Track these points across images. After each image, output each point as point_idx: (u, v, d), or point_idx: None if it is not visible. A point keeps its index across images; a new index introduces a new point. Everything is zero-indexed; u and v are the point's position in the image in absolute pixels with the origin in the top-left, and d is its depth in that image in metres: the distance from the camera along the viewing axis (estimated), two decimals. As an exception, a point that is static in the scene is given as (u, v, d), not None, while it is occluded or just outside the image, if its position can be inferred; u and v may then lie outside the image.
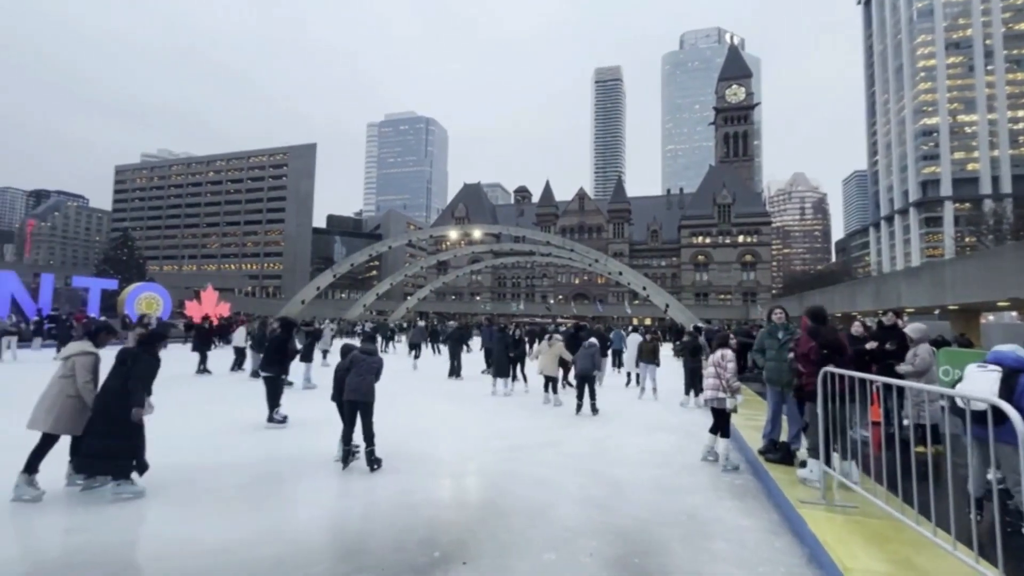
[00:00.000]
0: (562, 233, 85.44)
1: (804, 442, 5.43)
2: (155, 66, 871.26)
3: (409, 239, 52.16)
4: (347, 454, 5.52)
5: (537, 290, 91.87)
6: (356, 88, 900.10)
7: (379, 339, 19.63)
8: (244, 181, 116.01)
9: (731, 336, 5.79)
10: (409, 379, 14.05)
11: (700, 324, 25.56)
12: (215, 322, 21.93)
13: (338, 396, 5.83)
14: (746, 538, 3.98)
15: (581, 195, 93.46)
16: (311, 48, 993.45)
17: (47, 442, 4.45)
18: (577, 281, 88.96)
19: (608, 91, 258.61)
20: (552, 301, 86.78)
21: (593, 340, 9.66)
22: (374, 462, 5.49)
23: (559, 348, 10.26)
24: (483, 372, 14.84)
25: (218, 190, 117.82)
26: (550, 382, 10.30)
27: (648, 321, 63.13)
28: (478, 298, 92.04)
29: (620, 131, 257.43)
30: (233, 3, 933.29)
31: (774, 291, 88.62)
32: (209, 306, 32.16)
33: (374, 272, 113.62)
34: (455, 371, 14.12)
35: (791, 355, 5.27)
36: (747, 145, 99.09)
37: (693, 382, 10.38)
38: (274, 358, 7.78)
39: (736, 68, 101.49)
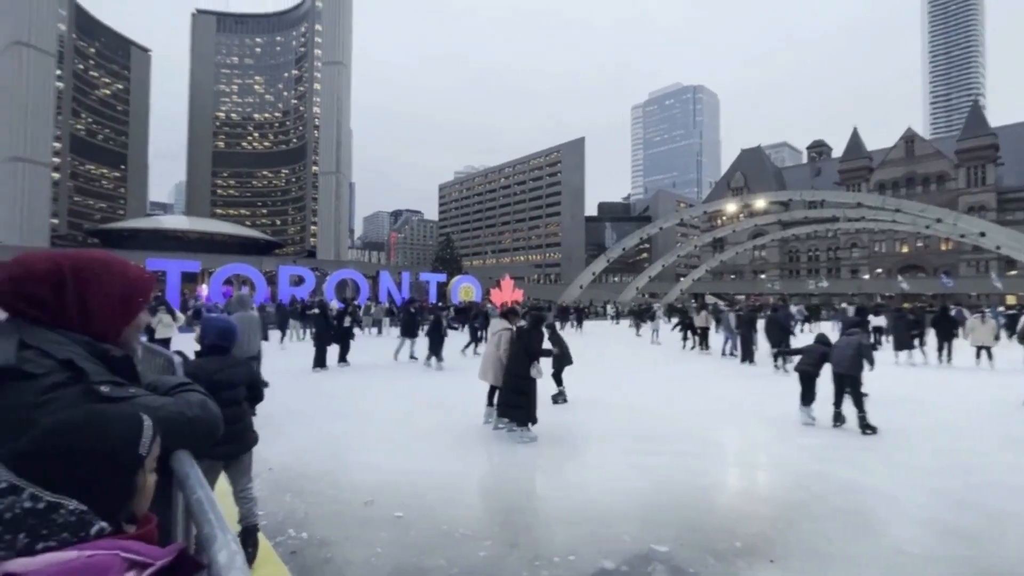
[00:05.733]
0: (879, 190, 68.05)
1: None
2: (459, 96, 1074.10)
3: (680, 218, 50.17)
4: (836, 416, 6.55)
5: (844, 263, 75.70)
6: (623, 78, 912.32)
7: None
8: (526, 182, 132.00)
9: None
10: (691, 359, 13.67)
11: None
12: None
13: (804, 367, 6.85)
14: None
15: (909, 137, 71.91)
16: (579, 53, 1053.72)
17: (493, 389, 6.42)
18: (906, 249, 69.38)
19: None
20: (867, 276, 70.20)
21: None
22: (866, 427, 6.16)
23: (993, 325, 12.06)
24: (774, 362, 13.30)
25: (508, 192, 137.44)
26: (983, 351, 11.91)
27: (1035, 299, 44.72)
28: (763, 276, 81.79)
29: (975, 38, 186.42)
30: (517, 35, 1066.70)
31: None
32: (507, 293, 38.13)
33: (645, 255, 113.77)
34: (749, 356, 13.06)
35: None
36: None
37: None
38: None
39: None
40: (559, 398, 7.86)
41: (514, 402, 5.83)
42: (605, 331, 27.30)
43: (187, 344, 6.67)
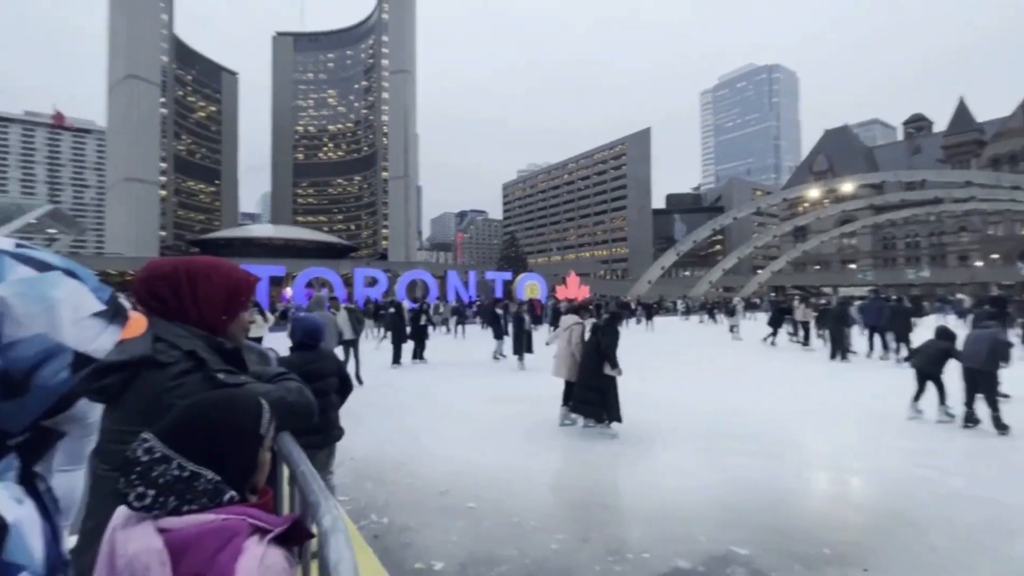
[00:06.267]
0: (993, 166, 60.46)
1: None
2: (523, 97, 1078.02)
3: (756, 207, 47.34)
4: (968, 416, 6.05)
5: (950, 249, 68.12)
6: (691, 66, 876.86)
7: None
8: (590, 177, 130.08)
9: None
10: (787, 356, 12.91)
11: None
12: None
13: (919, 365, 6.45)
14: None
15: (1028, 104, 63.29)
16: (644, 49, 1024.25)
17: (569, 385, 6.30)
18: (1026, 231, 61.12)
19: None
20: (980, 262, 62.64)
21: None
22: (1000, 427, 5.74)
23: None
24: (869, 356, 12.26)
25: (571, 188, 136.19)
26: None
27: None
28: (853, 266, 75.38)
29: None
30: (580, 37, 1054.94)
31: None
32: (573, 289, 37.87)
33: (718, 247, 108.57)
34: (841, 352, 12.15)
35: None
36: None
37: None
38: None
39: None
40: None
41: (587, 397, 5.80)
42: (678, 327, 26.38)
43: (275, 343, 7.20)
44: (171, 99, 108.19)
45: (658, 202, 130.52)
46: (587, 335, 6.50)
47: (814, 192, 49.12)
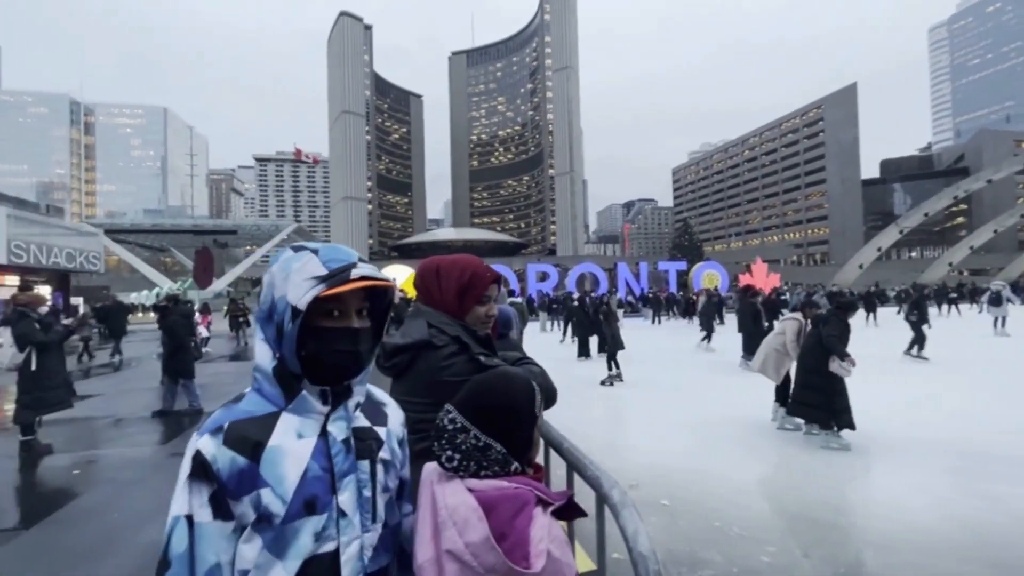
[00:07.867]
0: None
1: None
2: (695, 75, 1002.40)
3: None
4: None
5: None
6: (899, 6, 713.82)
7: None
8: (777, 150, 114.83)
9: None
10: None
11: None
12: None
13: None
14: None
15: None
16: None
17: (785, 382, 5.70)
18: None
19: None
20: None
21: None
22: None
23: None
24: None
25: (753, 166, 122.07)
26: None
27: None
28: None
29: None
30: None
31: None
32: (760, 278, 33.94)
33: (960, 219, 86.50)
34: None
35: None
36: None
37: None
38: None
39: None
40: (609, 381, 8.20)
41: (807, 399, 5.05)
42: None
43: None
44: (373, 126, 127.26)
45: (868, 171, 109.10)
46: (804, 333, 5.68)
47: (1125, 134, 35.38)
